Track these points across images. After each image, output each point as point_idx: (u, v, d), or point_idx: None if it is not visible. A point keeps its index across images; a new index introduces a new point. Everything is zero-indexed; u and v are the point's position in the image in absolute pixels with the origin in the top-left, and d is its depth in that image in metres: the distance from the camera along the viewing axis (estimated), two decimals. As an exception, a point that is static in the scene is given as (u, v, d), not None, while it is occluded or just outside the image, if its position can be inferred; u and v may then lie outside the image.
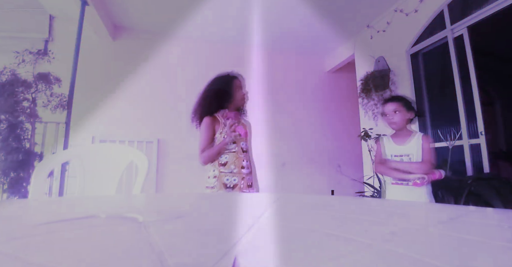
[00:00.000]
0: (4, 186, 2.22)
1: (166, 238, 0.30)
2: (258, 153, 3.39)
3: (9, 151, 2.24)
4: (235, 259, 0.22)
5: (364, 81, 3.43)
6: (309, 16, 3.40)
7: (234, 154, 1.48)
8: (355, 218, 0.45)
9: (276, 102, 4.18)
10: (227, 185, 1.43)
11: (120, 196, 0.94)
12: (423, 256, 0.24)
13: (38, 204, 0.69)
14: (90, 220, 0.40)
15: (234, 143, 1.48)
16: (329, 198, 0.84)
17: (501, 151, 4.03)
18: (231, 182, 1.43)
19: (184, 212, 0.50)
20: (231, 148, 1.48)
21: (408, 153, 1.56)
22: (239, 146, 1.50)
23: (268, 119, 3.98)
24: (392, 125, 1.62)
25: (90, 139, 3.28)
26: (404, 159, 1.57)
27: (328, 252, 0.26)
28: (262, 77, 4.09)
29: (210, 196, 0.81)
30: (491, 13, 2.31)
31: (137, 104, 3.57)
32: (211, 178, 1.46)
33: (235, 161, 1.46)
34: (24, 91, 2.38)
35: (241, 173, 1.46)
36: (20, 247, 0.27)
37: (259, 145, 3.50)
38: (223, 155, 1.47)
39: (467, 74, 2.48)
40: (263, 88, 4.02)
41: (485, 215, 0.50)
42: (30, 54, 2.52)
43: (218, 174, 1.45)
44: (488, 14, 2.33)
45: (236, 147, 1.49)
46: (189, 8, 3.28)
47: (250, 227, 0.35)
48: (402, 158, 1.58)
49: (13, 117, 2.30)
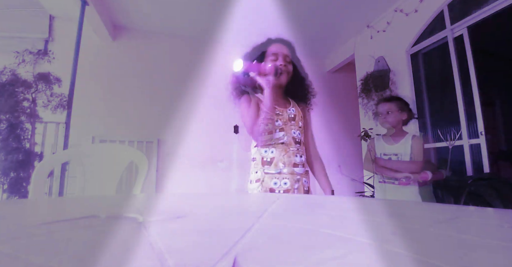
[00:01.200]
0: (4, 186, 2.22)
1: (166, 238, 0.30)
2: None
3: (9, 151, 2.24)
4: (235, 259, 0.22)
5: (364, 81, 3.43)
6: (309, 16, 3.40)
7: (283, 147, 1.09)
8: (355, 218, 0.45)
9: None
10: (275, 190, 1.07)
11: (120, 196, 0.94)
12: (423, 256, 0.24)
13: (38, 204, 0.69)
14: (90, 220, 0.40)
15: (281, 131, 1.11)
16: (329, 198, 0.84)
17: (501, 151, 4.03)
18: (281, 186, 1.07)
19: (184, 212, 0.50)
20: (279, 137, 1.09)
21: (397, 152, 1.57)
22: (289, 135, 1.11)
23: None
24: (384, 125, 1.63)
25: (90, 139, 3.28)
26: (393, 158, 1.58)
27: (328, 252, 0.26)
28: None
29: (210, 196, 0.81)
30: (491, 13, 2.31)
31: (137, 104, 3.57)
32: (253, 183, 1.10)
33: (285, 156, 1.09)
34: (24, 91, 2.38)
35: (294, 174, 1.09)
36: (20, 247, 0.27)
37: (259, 145, 3.49)
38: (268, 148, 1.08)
39: (467, 74, 2.48)
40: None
41: (485, 215, 0.50)
42: (30, 54, 2.52)
43: (262, 177, 1.08)
44: (488, 14, 2.33)
45: (284, 136, 1.10)
46: (189, 8, 3.28)
47: (250, 227, 0.35)
48: (391, 157, 1.59)
49: (13, 117, 2.30)
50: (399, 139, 1.60)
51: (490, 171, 2.28)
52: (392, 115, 1.60)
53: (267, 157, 1.09)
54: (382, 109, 1.63)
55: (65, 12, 3.25)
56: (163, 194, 2.20)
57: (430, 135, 2.92)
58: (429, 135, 2.92)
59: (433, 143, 2.84)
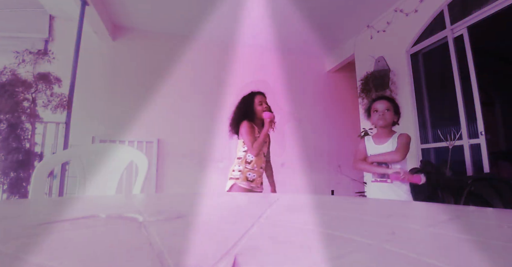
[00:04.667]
0: (4, 186, 2.22)
1: (166, 238, 0.30)
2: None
3: (9, 151, 2.24)
4: (235, 259, 0.22)
5: (364, 81, 3.43)
6: (309, 16, 3.40)
7: (259, 156, 1.82)
8: (355, 218, 0.45)
9: (276, 102, 4.18)
10: (248, 178, 1.78)
11: (120, 196, 0.94)
12: (423, 256, 0.24)
13: (38, 204, 0.69)
14: (90, 220, 0.40)
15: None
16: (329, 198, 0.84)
17: (501, 151, 4.03)
18: (252, 176, 1.79)
19: (184, 212, 0.50)
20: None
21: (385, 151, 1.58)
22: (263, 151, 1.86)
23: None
24: (380, 122, 1.62)
25: (90, 139, 3.28)
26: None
27: (328, 252, 0.26)
28: (262, 77, 4.08)
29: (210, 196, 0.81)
30: (491, 13, 2.31)
31: (137, 104, 3.57)
32: (236, 171, 1.79)
33: (258, 161, 1.82)
34: (24, 91, 2.38)
35: (259, 172, 1.83)
36: (20, 247, 0.27)
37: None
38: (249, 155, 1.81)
39: (467, 74, 2.48)
40: (263, 88, 4.02)
41: (485, 215, 0.50)
42: (30, 54, 2.52)
43: (243, 169, 1.79)
44: (488, 14, 2.33)
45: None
46: (189, 8, 3.28)
47: (250, 227, 0.35)
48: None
49: (13, 117, 2.30)
50: (388, 138, 1.60)
51: (490, 171, 2.28)
52: (389, 113, 1.61)
53: (249, 159, 1.81)
54: (382, 106, 1.62)
55: (65, 12, 3.25)
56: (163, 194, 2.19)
57: (430, 135, 2.92)
58: (429, 135, 2.92)
59: (433, 143, 2.84)
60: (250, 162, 1.80)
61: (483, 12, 2.34)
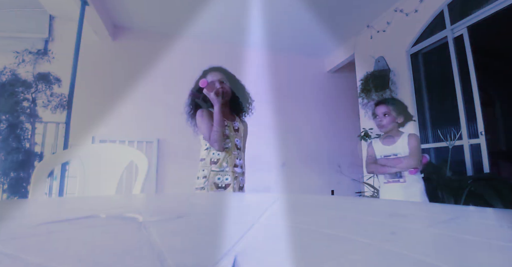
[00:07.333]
0: (4, 186, 2.22)
1: (166, 238, 0.30)
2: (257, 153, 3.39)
3: (9, 151, 2.24)
4: (235, 259, 0.22)
5: (364, 81, 3.43)
6: (309, 16, 3.40)
7: (227, 150, 1.35)
8: (355, 218, 0.45)
9: (276, 102, 4.18)
10: (218, 184, 1.30)
11: (120, 196, 0.94)
12: (423, 256, 0.24)
13: (38, 204, 0.69)
14: (90, 220, 0.40)
15: (227, 138, 1.37)
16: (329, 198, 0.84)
17: (501, 151, 4.03)
18: (223, 181, 1.31)
19: (184, 212, 0.50)
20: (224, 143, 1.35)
21: (395, 153, 1.58)
22: (233, 143, 1.37)
23: (267, 119, 3.98)
24: (380, 128, 1.65)
25: (90, 139, 3.28)
26: None
27: (328, 252, 0.26)
28: (262, 77, 4.08)
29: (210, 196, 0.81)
30: (491, 13, 2.31)
31: (137, 104, 3.57)
32: (200, 179, 1.33)
33: (228, 158, 1.34)
34: (24, 91, 2.38)
35: (234, 172, 1.34)
36: (20, 247, 0.27)
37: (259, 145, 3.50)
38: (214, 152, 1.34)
39: (467, 74, 2.48)
40: (263, 88, 4.02)
41: (485, 215, 0.50)
42: (30, 54, 2.52)
43: (208, 174, 1.31)
44: (488, 14, 2.33)
45: (229, 143, 1.36)
46: (189, 8, 3.28)
47: (250, 227, 0.35)
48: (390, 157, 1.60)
49: (13, 117, 2.30)
50: (396, 139, 1.61)
51: (490, 171, 2.28)
52: (389, 117, 1.61)
53: (214, 158, 1.35)
54: (379, 111, 1.64)
55: (65, 12, 3.25)
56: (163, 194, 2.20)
57: (430, 135, 2.92)
58: (429, 135, 2.92)
59: (433, 143, 2.84)
60: (216, 161, 1.33)
61: (483, 12, 2.34)
